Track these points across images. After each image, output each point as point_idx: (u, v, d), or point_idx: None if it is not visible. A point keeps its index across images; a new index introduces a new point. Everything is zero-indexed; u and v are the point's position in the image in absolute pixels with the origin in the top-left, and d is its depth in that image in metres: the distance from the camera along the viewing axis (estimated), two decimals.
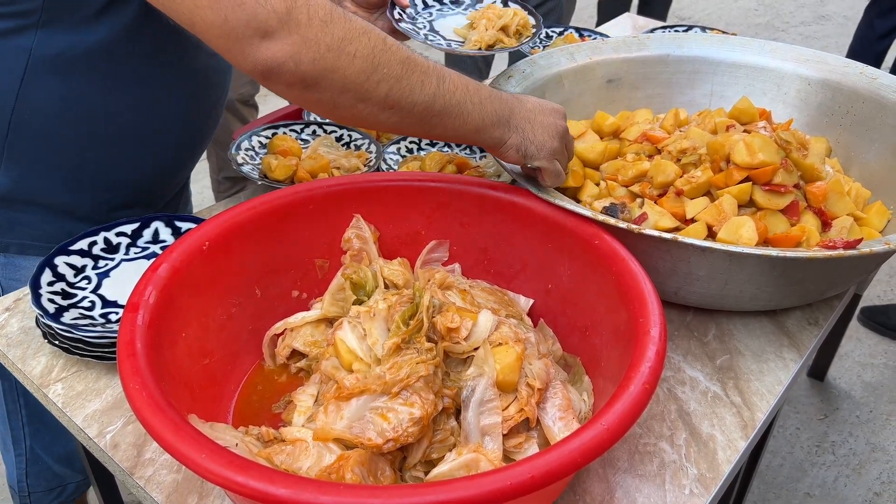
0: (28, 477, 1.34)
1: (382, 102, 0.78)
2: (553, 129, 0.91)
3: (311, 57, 0.73)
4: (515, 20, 1.16)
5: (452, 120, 0.83)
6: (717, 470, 0.80)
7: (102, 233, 1.03)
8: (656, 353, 0.68)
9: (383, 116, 0.80)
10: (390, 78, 0.77)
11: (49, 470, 1.34)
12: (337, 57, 0.74)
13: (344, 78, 0.75)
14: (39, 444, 1.30)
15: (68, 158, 1.01)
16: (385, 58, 0.77)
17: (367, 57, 0.75)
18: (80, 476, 1.39)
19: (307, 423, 0.76)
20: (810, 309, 1.04)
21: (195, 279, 0.80)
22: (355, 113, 0.79)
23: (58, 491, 1.38)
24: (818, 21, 5.17)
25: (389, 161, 1.26)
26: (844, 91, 1.21)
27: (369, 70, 0.76)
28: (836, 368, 2.31)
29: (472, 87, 0.84)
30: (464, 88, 0.83)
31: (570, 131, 0.96)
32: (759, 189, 0.97)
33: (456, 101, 0.82)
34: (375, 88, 0.77)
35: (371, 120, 0.80)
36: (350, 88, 0.76)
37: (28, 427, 1.27)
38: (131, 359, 0.66)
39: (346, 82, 0.75)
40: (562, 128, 0.93)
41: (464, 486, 0.54)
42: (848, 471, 2.01)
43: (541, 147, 0.90)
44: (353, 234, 0.95)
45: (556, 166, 0.92)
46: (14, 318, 0.98)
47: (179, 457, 0.58)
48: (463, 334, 0.76)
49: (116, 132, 1.01)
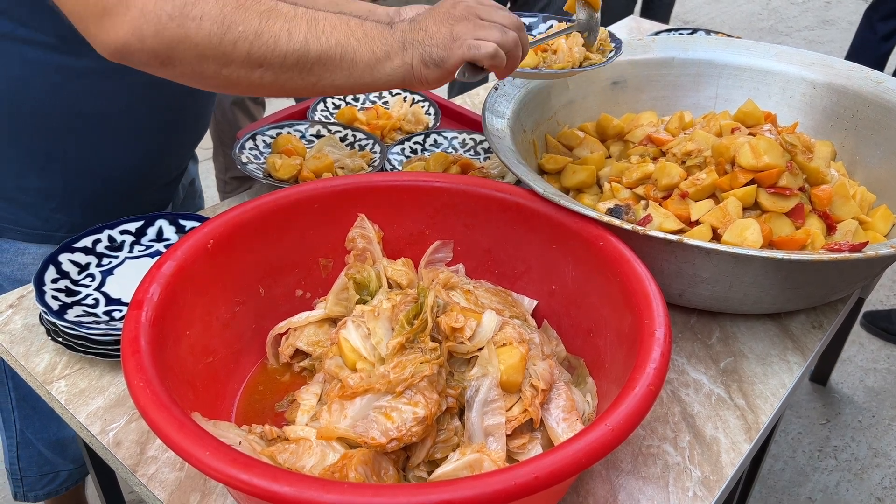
0: (20, 460, 1.34)
1: (247, 61, 0.73)
2: (451, 15, 0.81)
3: (153, 30, 0.70)
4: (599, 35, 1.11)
5: (338, 63, 0.76)
6: (721, 473, 0.80)
7: (107, 230, 1.03)
8: (661, 355, 0.67)
9: (255, 76, 0.75)
10: (248, 34, 0.72)
11: (41, 455, 1.33)
12: (181, 24, 0.70)
13: (195, 45, 0.71)
14: (30, 429, 1.30)
15: (37, 141, 1.00)
16: (238, 15, 0.72)
17: (215, 18, 0.71)
18: (72, 465, 1.38)
19: (311, 422, 0.76)
20: (814, 312, 1.04)
21: (199, 277, 0.80)
22: (224, 79, 0.75)
23: (50, 477, 1.38)
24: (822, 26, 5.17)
25: (393, 161, 1.26)
26: (850, 95, 1.21)
27: (221, 32, 0.71)
28: (839, 373, 2.30)
29: (353, 24, 0.77)
30: (344, 28, 0.76)
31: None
32: (763, 192, 0.97)
33: (335, 41, 0.75)
34: (233, 49, 0.72)
35: (244, 83, 0.76)
36: (207, 55, 0.72)
37: (18, 410, 1.27)
38: (135, 356, 0.66)
39: (199, 49, 0.72)
40: (463, 6, 0.82)
41: (469, 485, 0.54)
42: (850, 476, 2.00)
43: (444, 43, 0.79)
44: (357, 233, 0.95)
45: (476, 47, 0.80)
46: (18, 314, 0.98)
47: (183, 454, 0.58)
48: (467, 334, 0.76)
49: (82, 118, 1.00)
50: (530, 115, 1.19)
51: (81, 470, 1.42)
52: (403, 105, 1.46)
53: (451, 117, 1.49)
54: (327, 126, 1.33)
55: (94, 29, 0.71)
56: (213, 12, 0.71)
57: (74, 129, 1.01)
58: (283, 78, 0.76)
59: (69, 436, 1.32)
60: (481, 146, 1.34)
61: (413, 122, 1.41)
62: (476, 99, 1.66)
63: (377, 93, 1.51)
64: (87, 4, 0.70)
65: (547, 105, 1.24)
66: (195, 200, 1.40)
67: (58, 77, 0.95)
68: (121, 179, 1.11)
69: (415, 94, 1.49)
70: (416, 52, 0.79)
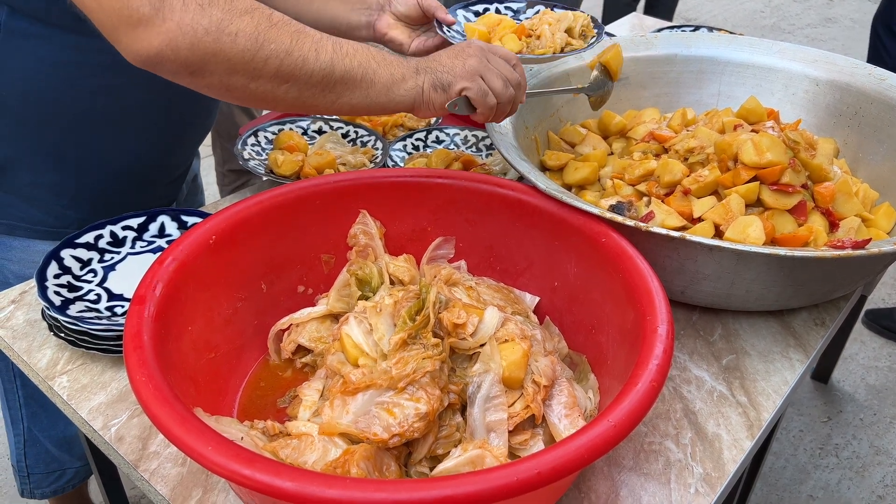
0: (27, 458, 1.34)
1: (276, 77, 0.77)
2: (464, 53, 0.88)
3: (188, 42, 0.71)
4: (579, 21, 1.13)
5: (358, 83, 0.81)
6: (723, 469, 0.80)
7: (108, 226, 1.03)
8: (664, 352, 0.67)
9: (280, 91, 0.78)
10: (279, 52, 0.76)
11: (48, 453, 1.34)
12: (216, 39, 0.72)
13: (228, 59, 0.74)
14: (37, 427, 1.30)
15: (51, 137, 1.01)
16: (271, 34, 0.75)
17: (250, 35, 0.74)
18: (78, 462, 1.39)
19: (313, 418, 0.76)
20: (817, 310, 1.04)
21: (201, 273, 0.80)
22: (251, 92, 0.78)
23: (56, 475, 1.38)
24: (824, 23, 5.16)
25: (395, 158, 1.26)
26: (853, 92, 1.21)
27: (254, 48, 0.74)
28: (841, 371, 2.30)
29: (373, 51, 0.83)
30: (364, 52, 0.82)
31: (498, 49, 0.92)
32: (766, 189, 0.97)
33: (357, 63, 0.80)
34: (265, 65, 0.75)
35: (270, 97, 0.79)
36: (237, 69, 0.75)
37: (25, 409, 1.28)
38: (138, 351, 0.66)
39: (231, 63, 0.74)
40: (476, 48, 0.89)
41: (471, 481, 0.54)
42: (851, 473, 2.00)
43: (454, 71, 0.86)
44: (359, 229, 0.95)
45: (478, 84, 0.88)
46: (20, 310, 0.98)
47: (186, 449, 0.58)
48: (469, 330, 0.76)
49: (96, 113, 1.01)
50: (532, 111, 1.19)
51: (87, 468, 1.43)
52: None
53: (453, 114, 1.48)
54: (329, 122, 1.33)
55: (125, 38, 0.72)
56: (248, 29, 0.74)
57: (88, 125, 1.01)
58: (307, 94, 0.80)
59: (76, 433, 1.33)
60: (483, 143, 1.33)
61: (415, 119, 1.41)
62: None
63: None
64: (120, 14, 0.70)
65: (549, 102, 1.24)
66: (197, 196, 1.40)
67: (72, 74, 0.96)
68: (132, 175, 1.12)
69: None
70: (428, 76, 0.86)
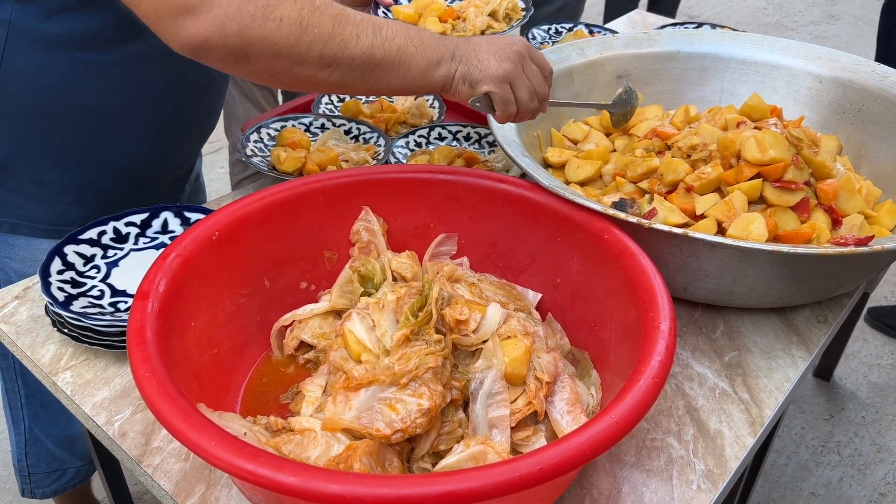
0: (28, 457, 1.34)
1: (318, 62, 0.78)
2: (503, 53, 0.87)
3: (236, 29, 0.73)
4: (504, 4, 1.17)
5: (396, 67, 0.82)
6: (725, 466, 0.80)
7: (112, 222, 1.04)
8: (666, 348, 0.67)
9: (323, 75, 0.79)
10: (322, 37, 0.77)
11: (49, 453, 1.34)
12: (262, 24, 0.74)
13: (274, 44, 0.75)
14: (38, 426, 1.30)
15: (55, 135, 1.01)
16: (314, 18, 0.76)
17: (294, 20, 0.75)
18: (79, 462, 1.39)
19: (315, 414, 0.76)
20: (819, 307, 1.04)
21: (205, 269, 0.81)
22: (294, 76, 0.79)
23: (57, 475, 1.39)
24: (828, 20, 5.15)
25: (398, 154, 1.26)
26: (856, 89, 1.21)
27: (299, 33, 0.75)
28: (843, 369, 2.30)
29: (412, 32, 0.83)
30: (404, 34, 0.82)
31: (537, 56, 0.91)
32: (769, 186, 0.97)
33: (396, 47, 0.81)
34: (308, 50, 0.77)
35: (312, 81, 0.80)
36: (283, 54, 0.76)
37: (27, 408, 1.28)
38: (141, 347, 0.66)
39: (276, 48, 0.75)
40: (515, 51, 0.88)
41: (473, 476, 0.54)
42: (853, 471, 2.00)
43: (486, 70, 0.86)
44: (361, 226, 0.95)
45: (505, 91, 0.87)
46: (23, 306, 0.98)
47: (189, 444, 0.58)
48: (472, 327, 0.76)
49: (100, 111, 1.01)
50: None
51: (89, 467, 1.43)
52: (408, 98, 1.46)
53: (455, 110, 1.48)
54: (332, 119, 1.33)
55: (172, 26, 0.73)
56: (292, 15, 0.75)
57: (92, 122, 1.01)
58: (348, 78, 0.81)
59: (77, 432, 1.33)
60: (486, 139, 1.33)
61: (417, 116, 1.41)
62: None
63: None
64: (167, 3, 0.72)
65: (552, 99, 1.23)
66: (199, 195, 1.40)
67: (77, 71, 0.96)
68: (135, 173, 1.12)
69: None
70: (462, 66, 0.86)
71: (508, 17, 1.18)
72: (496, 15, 1.17)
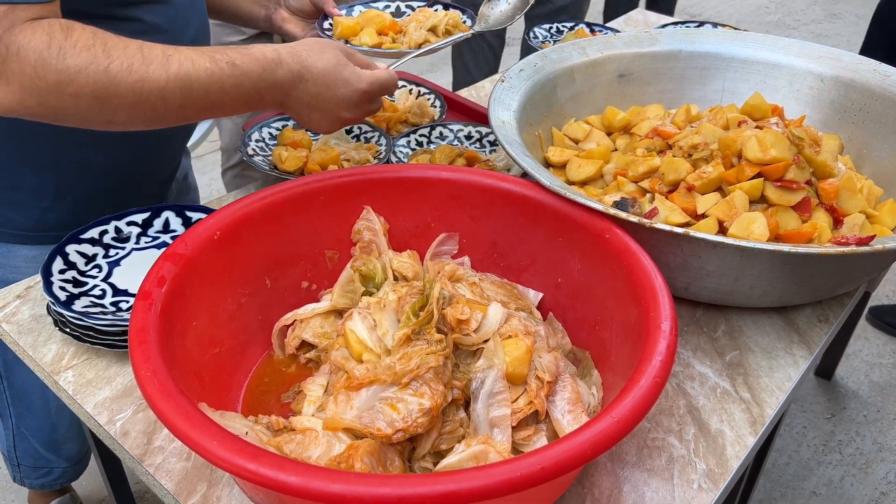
0: (16, 450, 1.35)
1: (130, 123, 0.80)
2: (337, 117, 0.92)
3: (36, 101, 0.73)
4: (444, 20, 1.19)
5: (212, 112, 0.85)
6: (726, 465, 0.80)
7: (113, 222, 1.04)
8: (667, 348, 0.67)
9: (142, 125, 0.82)
10: (126, 105, 0.77)
11: (35, 451, 1.35)
12: (59, 99, 0.74)
13: (77, 114, 0.76)
14: (24, 425, 1.31)
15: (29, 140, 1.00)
16: (112, 89, 0.76)
17: (91, 94, 0.75)
18: (65, 463, 1.40)
19: (317, 413, 0.76)
20: (821, 306, 1.04)
21: (206, 268, 0.81)
22: (117, 126, 0.81)
23: (44, 471, 1.40)
24: (829, 19, 5.14)
25: (399, 154, 1.26)
26: (857, 88, 1.20)
27: (98, 105, 0.76)
28: (844, 368, 2.30)
29: (231, 82, 0.83)
30: (219, 89, 0.82)
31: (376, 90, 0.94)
32: (770, 185, 0.97)
33: (210, 104, 0.83)
34: (113, 115, 0.78)
35: (133, 127, 0.82)
36: (91, 119, 0.77)
37: (13, 408, 1.28)
38: (143, 346, 0.66)
39: (81, 117, 0.77)
40: (351, 112, 0.93)
41: (474, 476, 0.54)
42: (854, 470, 2.00)
43: (318, 128, 0.93)
44: (362, 225, 0.95)
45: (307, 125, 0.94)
46: (25, 305, 0.98)
47: (191, 444, 0.58)
48: (473, 326, 0.76)
49: None
50: (536, 107, 1.19)
51: (76, 468, 1.44)
52: (409, 97, 1.46)
53: (456, 110, 1.49)
54: None
55: None
56: (88, 90, 0.75)
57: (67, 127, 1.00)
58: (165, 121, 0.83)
59: (62, 436, 1.33)
60: (487, 139, 1.33)
61: (419, 115, 1.41)
62: (482, 91, 1.66)
63: None
64: None
65: (553, 98, 1.23)
66: (189, 195, 1.39)
67: None
68: (114, 177, 1.11)
69: (420, 86, 1.49)
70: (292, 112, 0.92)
71: (448, 33, 1.19)
72: (436, 30, 1.18)
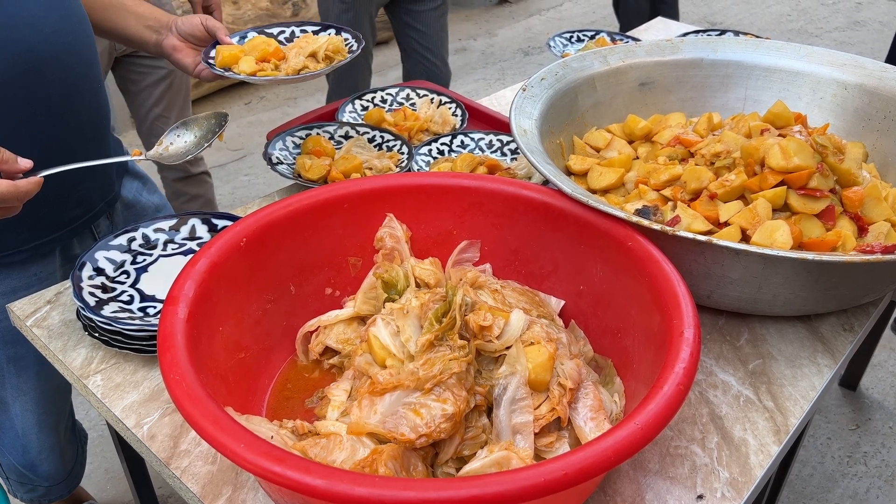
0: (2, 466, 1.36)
1: None
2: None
3: None
4: (324, 46, 1.20)
5: None
6: (750, 474, 0.80)
7: (141, 229, 1.06)
8: (690, 355, 0.67)
9: None
10: None
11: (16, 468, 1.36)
12: None
13: None
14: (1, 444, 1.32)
15: None
16: None
17: None
18: (46, 483, 1.40)
19: (341, 418, 0.77)
20: (845, 315, 1.03)
21: (232, 274, 0.82)
22: None
23: (28, 487, 1.41)
24: (852, 27, 5.10)
25: (420, 162, 1.27)
26: (882, 96, 1.20)
27: None
28: (869, 378, 2.27)
29: None
30: None
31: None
32: (794, 193, 0.96)
33: None
34: None
35: None
36: None
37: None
38: (171, 351, 0.68)
39: None
40: None
41: (498, 481, 0.55)
42: (880, 482, 1.97)
43: None
44: (385, 233, 0.96)
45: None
46: (55, 310, 1.00)
47: (218, 446, 0.59)
48: (495, 332, 0.77)
49: None
50: (558, 116, 1.19)
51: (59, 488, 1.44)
52: (430, 106, 1.47)
53: (478, 118, 1.49)
54: (355, 127, 1.35)
55: None
56: None
57: None
58: None
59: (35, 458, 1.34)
60: (508, 147, 1.34)
61: (440, 124, 1.42)
62: (503, 100, 1.67)
63: (405, 94, 1.53)
64: None
65: (574, 106, 1.24)
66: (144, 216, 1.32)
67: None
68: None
69: (442, 95, 1.50)
70: None
71: (329, 59, 1.20)
72: (316, 56, 1.19)
